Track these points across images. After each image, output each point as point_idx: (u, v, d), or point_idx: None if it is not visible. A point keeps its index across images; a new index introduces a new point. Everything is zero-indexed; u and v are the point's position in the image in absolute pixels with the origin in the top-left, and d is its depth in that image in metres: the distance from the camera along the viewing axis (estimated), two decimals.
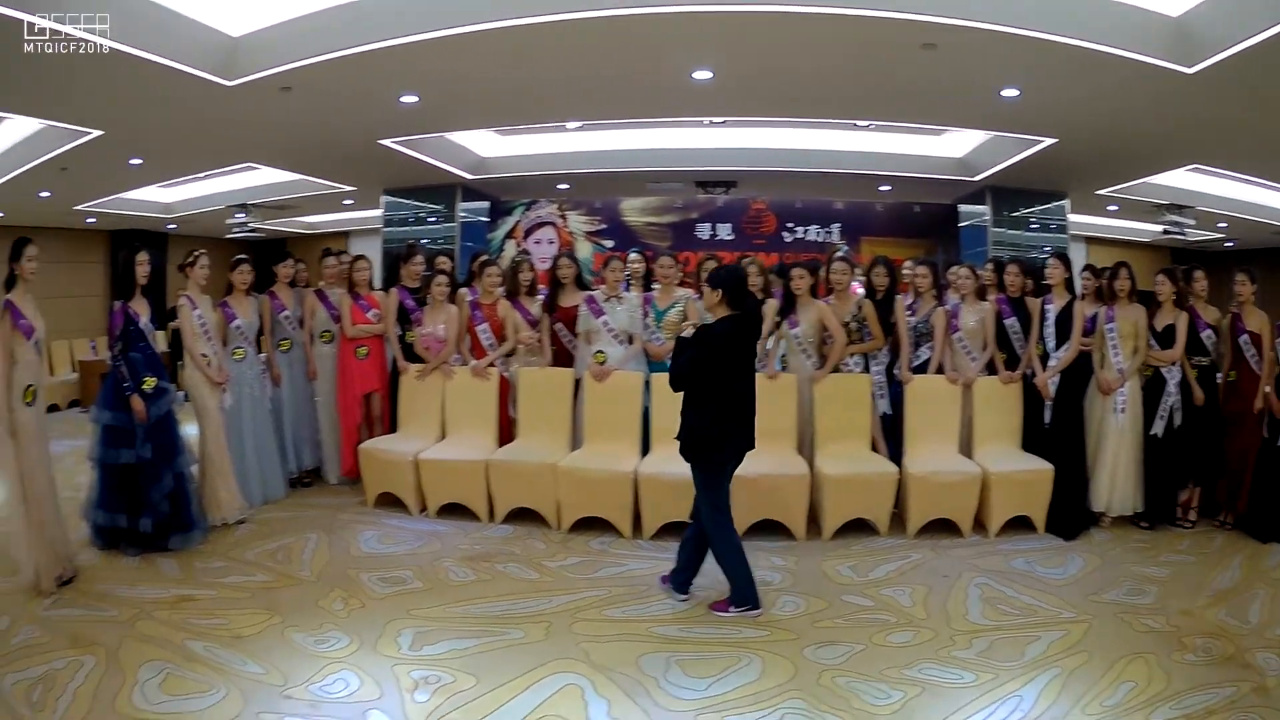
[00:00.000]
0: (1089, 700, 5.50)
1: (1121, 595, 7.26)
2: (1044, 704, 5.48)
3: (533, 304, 10.51)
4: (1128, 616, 6.77)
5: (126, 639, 6.53)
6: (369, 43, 8.80)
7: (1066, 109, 10.53)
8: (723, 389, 7.06)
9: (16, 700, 5.63)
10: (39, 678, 5.91)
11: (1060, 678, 5.80)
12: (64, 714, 5.48)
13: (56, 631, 6.65)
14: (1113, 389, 9.25)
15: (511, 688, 5.82)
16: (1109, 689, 5.63)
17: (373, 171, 16.04)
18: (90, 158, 13.01)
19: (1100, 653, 6.13)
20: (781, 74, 9.87)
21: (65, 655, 6.24)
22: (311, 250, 13.57)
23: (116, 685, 5.82)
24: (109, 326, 8.62)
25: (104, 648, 6.36)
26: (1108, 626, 6.61)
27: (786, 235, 19.35)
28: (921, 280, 10.05)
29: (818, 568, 8.06)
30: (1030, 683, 5.75)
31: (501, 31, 8.44)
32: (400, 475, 9.78)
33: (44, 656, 6.23)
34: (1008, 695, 5.59)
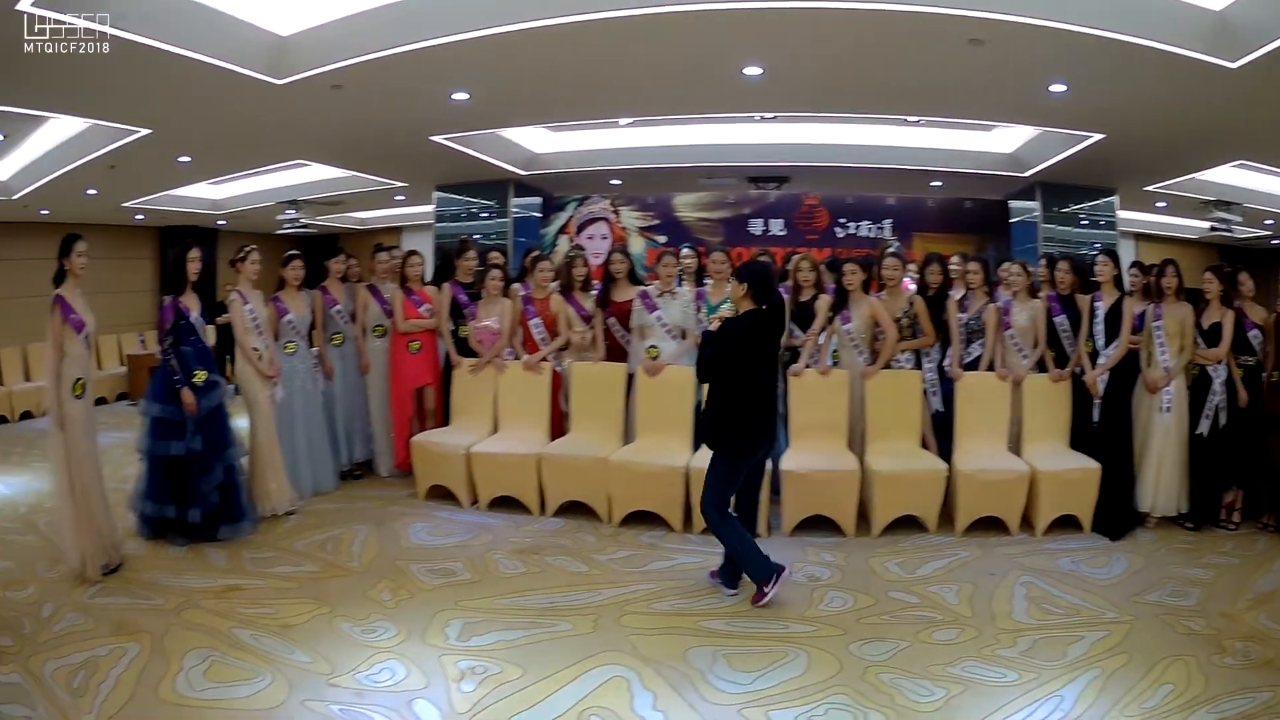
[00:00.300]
0: (1128, 702, 5.50)
1: (1164, 596, 7.24)
2: (1083, 705, 5.48)
3: (586, 299, 10.56)
4: (1169, 618, 6.76)
5: (172, 627, 6.64)
6: (419, 41, 8.84)
7: (1113, 104, 10.47)
8: (746, 382, 7.13)
9: (57, 685, 5.74)
10: (81, 664, 6.02)
11: (1101, 679, 5.80)
12: (105, 700, 5.57)
13: (100, 619, 6.78)
14: (1159, 388, 9.17)
15: (558, 679, 5.87)
16: (1148, 691, 5.63)
17: (425, 167, 16.06)
18: (138, 156, 13.10)
19: (1141, 654, 6.13)
20: (830, 70, 9.88)
21: (109, 642, 6.36)
22: (363, 246, 13.66)
23: (160, 672, 5.92)
24: (159, 321, 8.74)
25: (149, 635, 6.47)
26: (1149, 628, 6.59)
27: (839, 231, 19.31)
28: (973, 277, 10.03)
29: (866, 564, 8.08)
30: (1071, 683, 5.74)
31: (551, 29, 8.47)
32: (452, 468, 9.85)
33: (87, 643, 6.35)
34: (1048, 695, 5.60)
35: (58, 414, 7.52)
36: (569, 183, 18.29)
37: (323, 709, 5.53)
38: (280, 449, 9.60)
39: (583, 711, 5.49)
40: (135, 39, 8.12)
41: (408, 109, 11.49)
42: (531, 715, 5.47)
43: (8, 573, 7.92)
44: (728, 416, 7.15)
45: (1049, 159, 13.91)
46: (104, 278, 18.39)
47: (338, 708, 5.54)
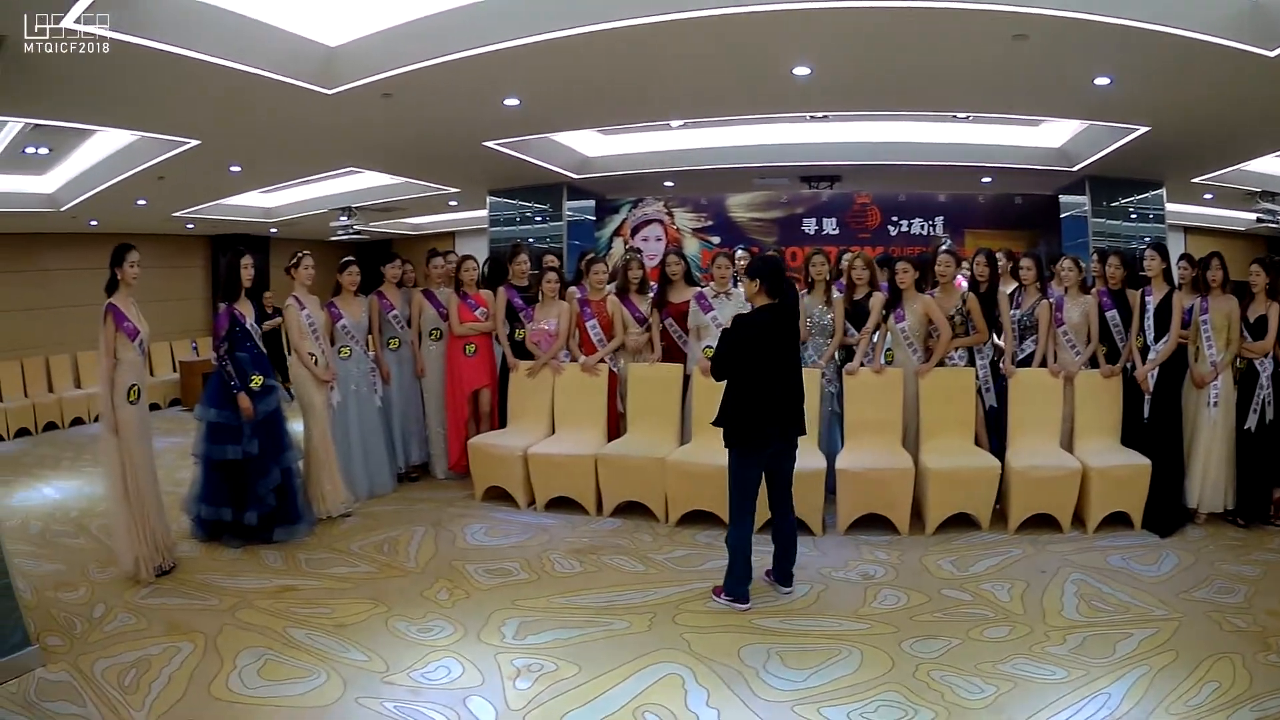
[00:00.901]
0: (1173, 699, 5.52)
1: (1212, 594, 7.23)
2: (1130, 702, 5.51)
3: (642, 302, 10.66)
4: (1216, 615, 6.75)
5: (226, 626, 6.80)
6: (468, 49, 8.89)
7: (1158, 96, 10.41)
8: (759, 378, 7.16)
9: (108, 683, 5.89)
10: (133, 663, 6.17)
11: (1148, 676, 5.82)
12: (157, 697, 5.71)
13: (153, 619, 6.94)
14: (1206, 382, 9.13)
15: (613, 676, 5.97)
16: (1193, 688, 5.65)
17: (477, 173, 16.09)
18: (188, 166, 13.20)
19: (1188, 651, 6.14)
20: (876, 68, 9.87)
21: (161, 641, 6.52)
22: (416, 251, 13.74)
23: (213, 670, 6.07)
24: (214, 328, 8.93)
25: (202, 635, 6.62)
26: (1197, 625, 6.60)
27: (891, 229, 19.22)
28: (1026, 273, 10.03)
29: (919, 562, 8.14)
30: (1119, 680, 5.77)
31: (600, 34, 8.51)
32: (509, 470, 9.96)
33: (139, 643, 6.51)
34: (1096, 692, 5.62)
35: (111, 419, 7.69)
36: (622, 185, 18.24)
37: (377, 706, 5.65)
38: (336, 452, 9.77)
39: (637, 708, 5.57)
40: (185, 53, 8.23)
41: (459, 116, 11.54)
42: (586, 712, 5.55)
43: (59, 575, 8.13)
44: (739, 413, 7.19)
45: (1097, 153, 13.83)
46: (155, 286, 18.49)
47: (392, 705, 5.65)
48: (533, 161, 14.87)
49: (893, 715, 5.46)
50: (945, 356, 9.71)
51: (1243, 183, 15.68)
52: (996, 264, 10.22)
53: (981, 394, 9.82)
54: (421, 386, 11.32)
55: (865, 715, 5.46)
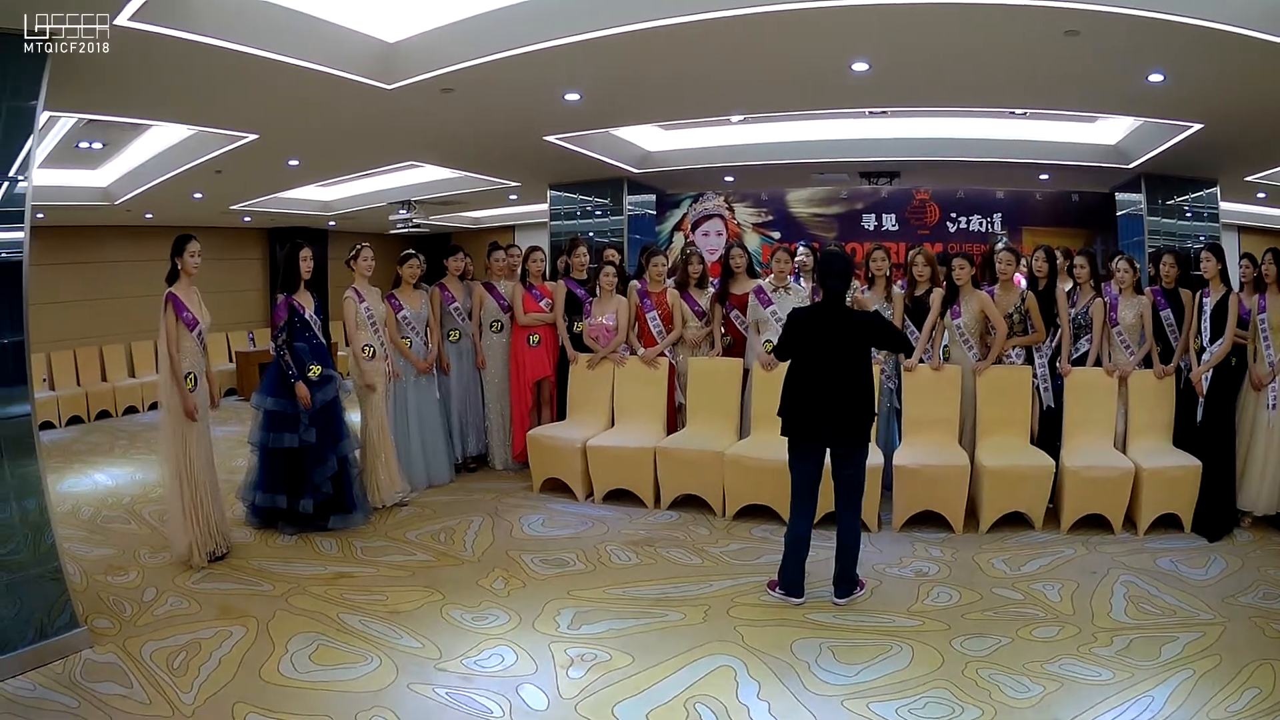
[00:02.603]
0: (1215, 705, 5.53)
1: (1257, 599, 7.21)
2: (1173, 706, 5.52)
3: (702, 296, 10.79)
4: (1261, 621, 6.74)
5: (279, 612, 6.96)
6: (529, 44, 8.95)
7: (1211, 93, 10.30)
8: (804, 371, 7.23)
9: (156, 665, 6.06)
10: (183, 645, 6.35)
11: (1191, 680, 5.83)
12: (207, 679, 5.87)
13: (205, 603, 7.12)
14: (1264, 384, 9.01)
15: (666, 667, 6.07)
16: (1235, 694, 5.65)
17: (538, 167, 16.13)
18: (246, 160, 13.32)
19: (1231, 656, 6.15)
20: (932, 64, 9.87)
21: (213, 625, 6.69)
22: (476, 244, 13.86)
23: (265, 654, 6.23)
24: (272, 319, 9.10)
25: (254, 619, 6.79)
26: (1241, 630, 6.60)
27: (950, 225, 19.18)
28: (1080, 271, 10.05)
29: (972, 560, 8.18)
30: (1163, 684, 5.78)
31: (660, 30, 8.55)
32: (567, 462, 10.10)
33: (190, 626, 6.68)
34: (1140, 695, 5.65)
35: (185, 404, 7.90)
36: (682, 180, 18.24)
37: (429, 692, 5.76)
38: (394, 442, 9.93)
39: (688, 699, 5.66)
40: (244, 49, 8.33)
41: (519, 110, 11.58)
42: (638, 701, 5.65)
43: (110, 559, 8.35)
44: (785, 404, 7.29)
45: (1151, 150, 13.76)
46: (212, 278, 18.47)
47: (444, 691, 5.77)
48: (593, 156, 14.89)
49: (940, 712, 5.52)
50: (1002, 354, 9.73)
51: None
52: (1055, 261, 10.26)
53: (1040, 393, 9.86)
54: (481, 378, 11.47)
55: (913, 711, 5.52)
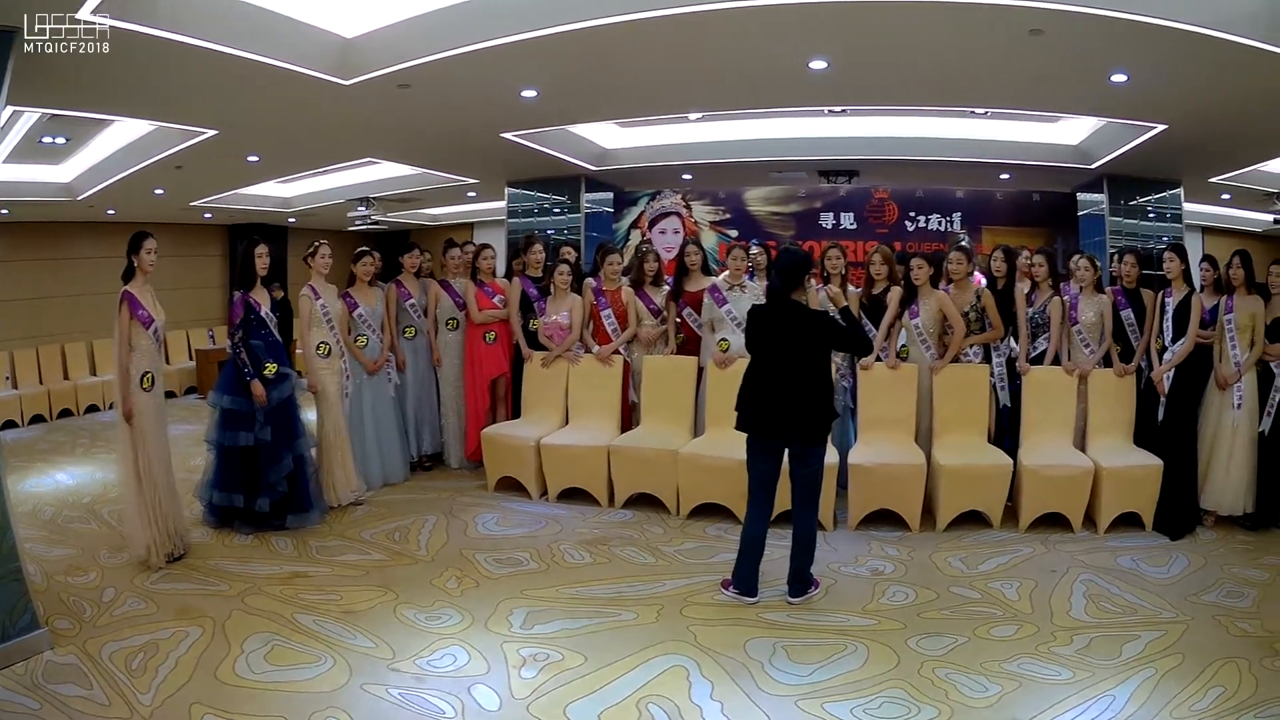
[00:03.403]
0: (1178, 703, 5.50)
1: (1220, 597, 7.21)
2: (1135, 704, 5.49)
3: (657, 294, 10.74)
4: (1224, 619, 6.74)
5: (235, 612, 6.88)
6: (485, 40, 8.88)
7: (1174, 94, 10.34)
8: (756, 369, 7.23)
9: (115, 666, 5.96)
10: (141, 646, 6.25)
11: (1153, 679, 5.80)
12: (164, 680, 5.78)
13: (163, 604, 7.02)
14: (1229, 384, 9.06)
15: (618, 667, 6.01)
16: (1199, 693, 5.63)
17: (495, 164, 16.12)
18: (206, 156, 13.23)
19: (1194, 655, 6.13)
20: (892, 63, 9.85)
21: (170, 626, 6.59)
22: (434, 242, 13.76)
23: (221, 655, 6.14)
24: (229, 316, 9.01)
25: (211, 619, 6.70)
26: (1204, 629, 6.58)
27: (908, 224, 19.24)
28: (1038, 270, 10.00)
29: (929, 559, 8.14)
30: (1124, 682, 5.75)
31: (617, 26, 8.49)
32: (522, 460, 10.02)
33: (148, 627, 6.59)
34: (1101, 694, 5.61)
35: (125, 406, 7.76)
36: (640, 178, 18.27)
37: (381, 692, 5.69)
38: (349, 440, 9.83)
39: (641, 700, 5.60)
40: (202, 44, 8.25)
41: (476, 107, 11.54)
42: (590, 702, 5.59)
43: (70, 559, 8.23)
44: (741, 398, 7.28)
45: (1114, 151, 13.79)
46: (172, 274, 18.63)
47: (397, 691, 5.70)
48: (551, 153, 14.86)
49: (896, 712, 5.46)
50: (960, 353, 9.72)
51: (1261, 183, 15.61)
52: (1015, 261, 10.23)
53: (996, 391, 9.84)
54: (437, 376, 11.38)
55: (869, 711, 5.47)
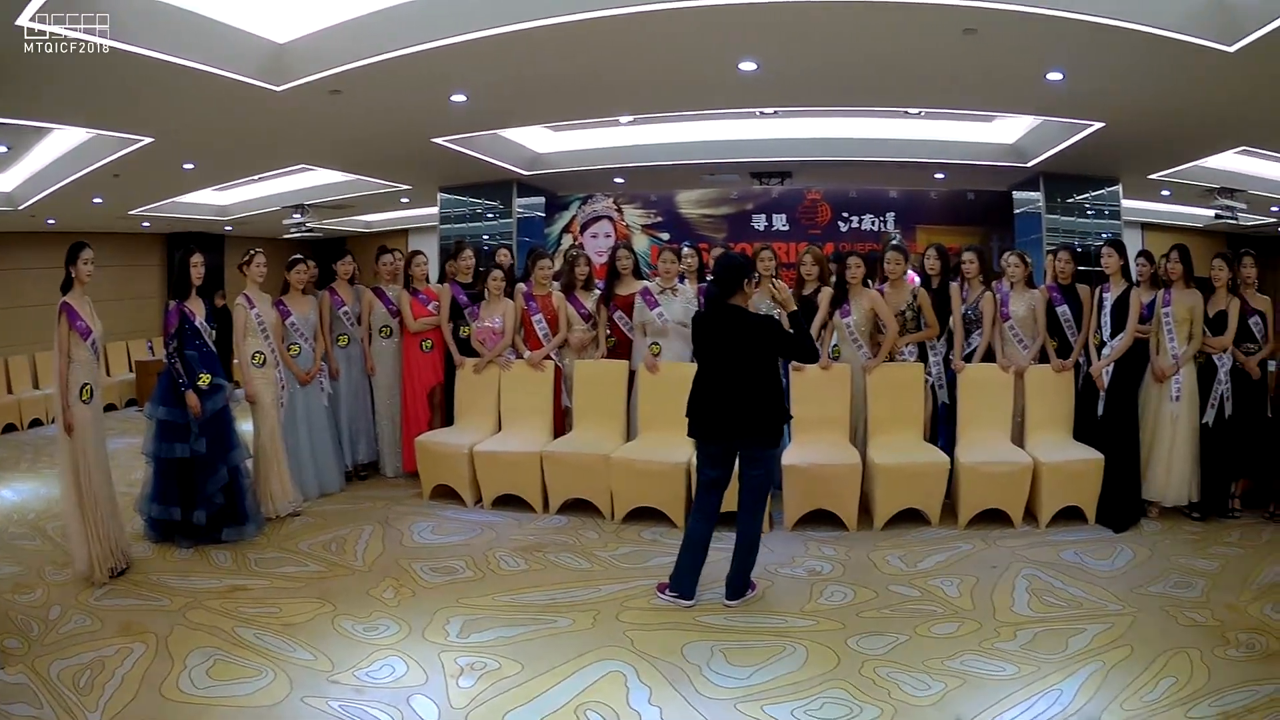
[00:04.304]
0: (1128, 695, 5.47)
1: (1168, 588, 7.21)
2: (1083, 698, 5.45)
3: (588, 298, 10.65)
4: (1173, 610, 6.73)
5: (177, 627, 6.71)
6: (415, 45, 8.89)
7: (1112, 91, 10.45)
8: (704, 374, 7.18)
9: (64, 685, 5.79)
10: (88, 664, 6.08)
11: (1101, 672, 5.76)
12: (110, 699, 5.63)
13: (107, 620, 6.85)
14: (1168, 376, 9.16)
15: (556, 674, 5.92)
16: (1149, 684, 5.60)
17: (427, 170, 16.16)
18: (142, 164, 13.17)
19: (1143, 647, 6.10)
20: (823, 64, 9.90)
21: (115, 643, 6.42)
22: (370, 248, 13.70)
23: (164, 671, 5.99)
24: (164, 326, 8.84)
25: (154, 635, 6.54)
26: (1152, 620, 6.57)
27: (841, 225, 19.41)
28: (969, 267, 10.01)
29: (867, 558, 8.10)
30: (1071, 676, 5.71)
31: (546, 29, 8.50)
32: (455, 468, 9.90)
33: (94, 644, 6.42)
34: (1048, 688, 5.57)
35: (66, 419, 7.59)
36: (571, 182, 18.39)
37: (322, 705, 5.58)
38: (285, 451, 9.68)
39: (578, 707, 5.52)
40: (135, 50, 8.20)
41: (407, 112, 11.57)
42: (528, 710, 5.50)
43: (16, 577, 8.01)
44: (690, 404, 7.23)
45: (1050, 149, 13.92)
46: (111, 285, 18.58)
47: (337, 704, 5.59)
48: (482, 158, 14.91)
49: (838, 713, 5.40)
50: (895, 352, 9.70)
51: (1201, 179, 15.78)
52: (949, 259, 10.22)
53: (934, 390, 9.85)
54: (371, 384, 11.25)
55: (809, 713, 5.40)
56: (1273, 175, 15.83)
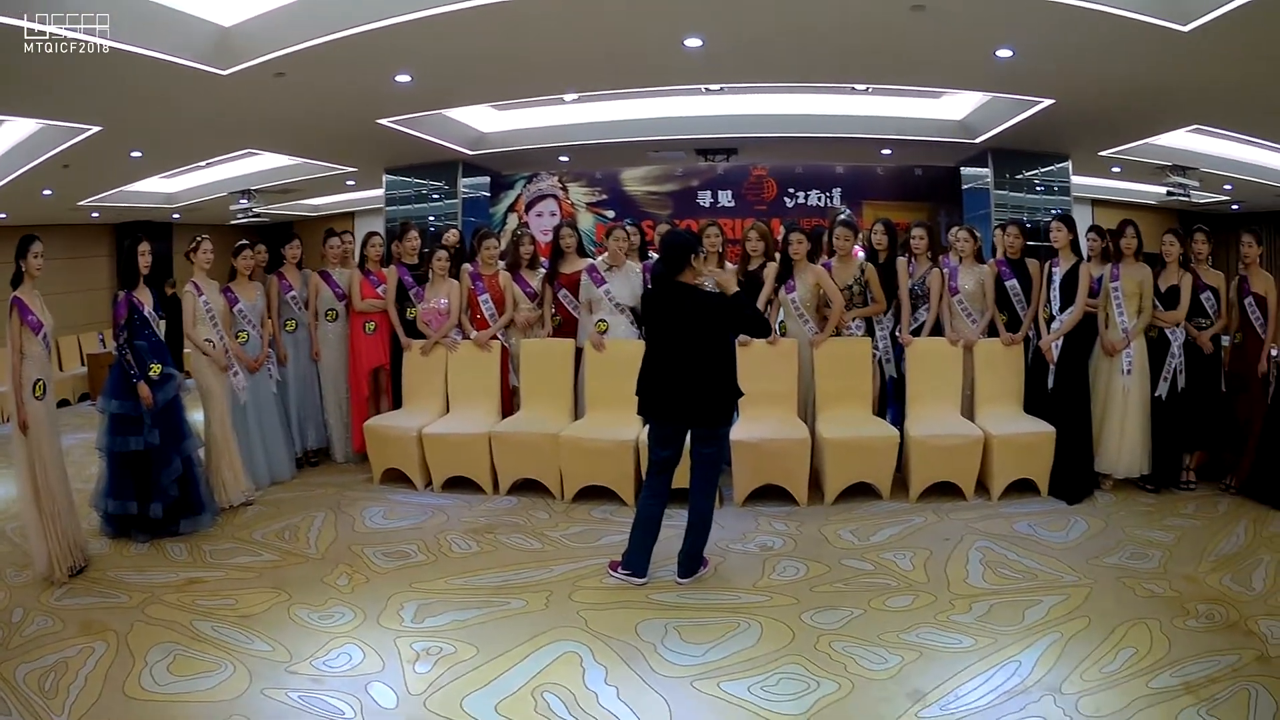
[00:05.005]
0: (1088, 666, 5.49)
1: (1124, 559, 7.26)
2: (1042, 669, 5.47)
3: (534, 277, 10.58)
4: (1130, 581, 6.76)
5: (136, 623, 6.62)
6: (359, 24, 8.84)
7: (1063, 69, 10.51)
8: (654, 352, 7.16)
9: (30, 689, 5.70)
10: (52, 666, 5.98)
11: (1060, 643, 5.79)
12: (76, 700, 5.54)
13: (68, 620, 6.74)
14: (1117, 350, 9.19)
15: (511, 656, 5.88)
16: (1109, 654, 5.62)
17: (373, 151, 16.12)
18: (91, 153, 13.09)
19: (1101, 618, 6.13)
20: (771, 39, 9.87)
21: (77, 643, 6.32)
22: (316, 232, 13.63)
23: (126, 669, 5.90)
24: (113, 316, 8.70)
25: (115, 633, 6.44)
26: (1109, 591, 6.60)
27: (787, 200, 19.51)
28: (917, 243, 10.04)
29: (819, 532, 8.09)
30: (1029, 648, 5.74)
31: (490, 6, 8.44)
32: (405, 451, 9.84)
33: (57, 645, 6.31)
34: (1006, 660, 5.59)
35: (20, 416, 7.48)
36: (516, 161, 18.37)
37: (282, 697, 5.52)
38: (236, 439, 9.59)
39: (536, 688, 5.49)
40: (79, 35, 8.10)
41: (352, 93, 11.52)
42: (485, 694, 5.46)
43: None
44: (640, 383, 7.22)
45: (999, 125, 13.99)
46: (62, 278, 18.40)
47: (296, 695, 5.54)
48: (427, 139, 14.91)
49: (795, 688, 5.38)
50: (842, 326, 9.68)
51: (1152, 156, 15.95)
52: (895, 234, 10.21)
53: (882, 364, 9.86)
54: (318, 369, 11.16)
55: (766, 689, 5.38)
56: (1225, 153, 16.05)
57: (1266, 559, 7.27)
